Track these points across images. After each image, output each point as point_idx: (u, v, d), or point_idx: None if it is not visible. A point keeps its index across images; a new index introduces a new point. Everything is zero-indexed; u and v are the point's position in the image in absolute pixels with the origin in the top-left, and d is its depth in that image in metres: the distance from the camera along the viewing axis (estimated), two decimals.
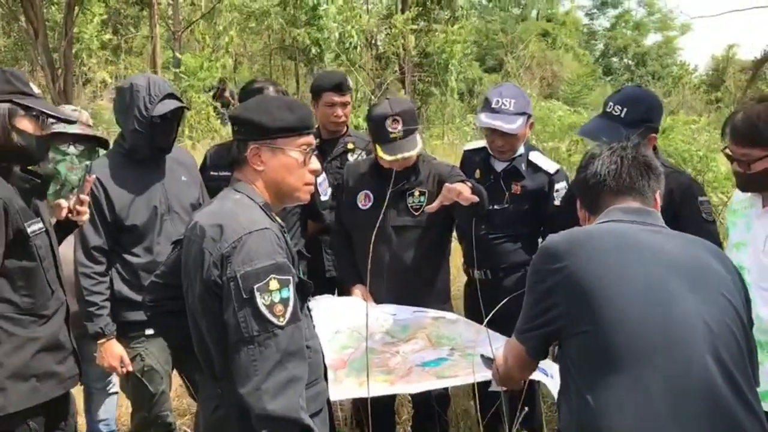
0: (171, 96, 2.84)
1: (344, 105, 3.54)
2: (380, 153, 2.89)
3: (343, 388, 2.46)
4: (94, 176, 2.57)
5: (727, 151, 2.38)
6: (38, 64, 10.35)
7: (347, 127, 3.69)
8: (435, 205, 2.79)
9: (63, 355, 2.32)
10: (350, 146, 3.59)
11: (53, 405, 2.30)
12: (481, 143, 3.30)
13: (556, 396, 1.95)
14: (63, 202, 2.43)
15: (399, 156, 2.86)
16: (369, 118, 2.98)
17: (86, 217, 2.53)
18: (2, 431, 2.13)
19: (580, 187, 1.97)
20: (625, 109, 2.70)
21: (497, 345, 2.16)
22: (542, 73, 19.97)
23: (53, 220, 2.41)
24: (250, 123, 1.95)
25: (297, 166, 1.97)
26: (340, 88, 3.52)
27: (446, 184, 2.77)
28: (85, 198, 2.50)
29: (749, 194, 2.45)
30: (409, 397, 3.37)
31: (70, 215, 2.46)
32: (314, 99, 3.60)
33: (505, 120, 3.03)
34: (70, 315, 2.45)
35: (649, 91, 2.99)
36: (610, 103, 2.76)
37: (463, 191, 2.69)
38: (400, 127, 2.85)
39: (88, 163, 2.49)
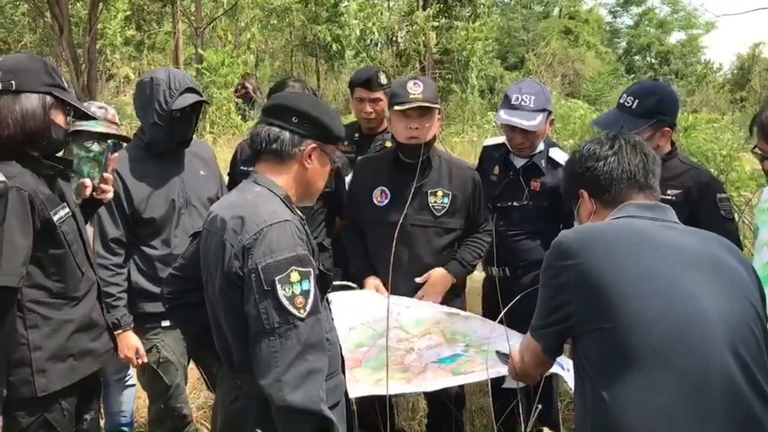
0: (191, 90, 2.85)
1: (373, 101, 3.52)
2: (396, 108, 2.84)
3: (360, 386, 2.46)
4: (116, 155, 2.60)
5: (757, 150, 2.34)
6: (63, 59, 10.43)
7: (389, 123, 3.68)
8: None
9: (97, 332, 2.38)
10: (388, 144, 3.51)
11: (84, 386, 2.35)
12: (502, 139, 3.27)
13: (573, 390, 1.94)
14: (87, 181, 2.46)
15: (416, 104, 2.81)
16: (391, 89, 2.96)
17: (110, 195, 2.55)
18: (37, 412, 2.18)
19: (595, 178, 1.89)
20: (636, 101, 2.69)
21: (513, 342, 2.15)
22: (564, 70, 19.81)
23: (79, 199, 2.46)
24: (318, 123, 1.98)
25: (327, 173, 2.06)
26: (369, 84, 3.51)
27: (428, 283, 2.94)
28: (109, 176, 2.52)
29: None
30: (424, 394, 3.37)
31: (94, 193, 2.50)
32: (351, 94, 3.66)
33: (524, 117, 3.00)
34: None
35: (664, 85, 2.97)
36: (624, 95, 2.77)
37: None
38: (420, 90, 2.83)
39: (110, 142, 2.53)
